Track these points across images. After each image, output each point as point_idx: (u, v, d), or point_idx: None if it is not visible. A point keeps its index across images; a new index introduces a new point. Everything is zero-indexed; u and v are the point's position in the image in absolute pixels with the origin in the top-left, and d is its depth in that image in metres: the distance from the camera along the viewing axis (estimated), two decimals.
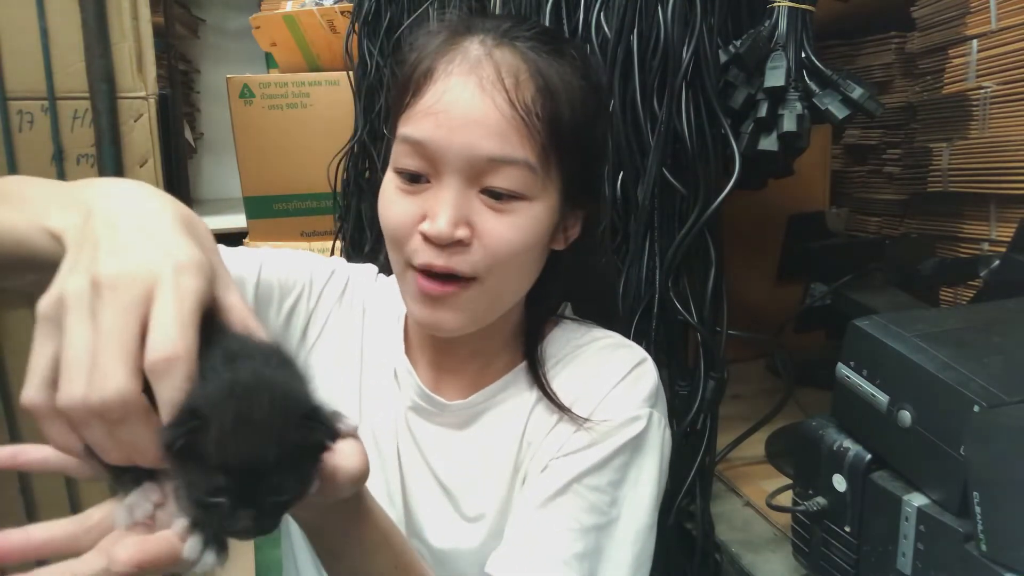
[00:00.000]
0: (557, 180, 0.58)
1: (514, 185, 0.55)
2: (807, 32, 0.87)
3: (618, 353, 0.66)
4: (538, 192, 0.57)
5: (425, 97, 0.56)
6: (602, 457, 0.59)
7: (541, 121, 0.55)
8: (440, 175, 0.56)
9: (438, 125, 0.54)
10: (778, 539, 0.88)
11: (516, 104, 0.54)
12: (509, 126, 0.54)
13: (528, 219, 0.57)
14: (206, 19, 2.67)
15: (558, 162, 0.57)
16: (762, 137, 0.89)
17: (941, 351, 0.65)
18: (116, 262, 0.35)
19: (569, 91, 0.58)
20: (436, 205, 0.55)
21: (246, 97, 1.67)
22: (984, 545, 0.57)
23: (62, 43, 1.11)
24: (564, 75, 0.58)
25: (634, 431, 0.60)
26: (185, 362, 0.33)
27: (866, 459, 0.71)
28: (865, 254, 1.27)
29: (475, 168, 0.55)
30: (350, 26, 1.58)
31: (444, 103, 0.54)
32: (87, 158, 1.16)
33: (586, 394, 0.62)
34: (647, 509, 0.60)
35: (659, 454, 0.62)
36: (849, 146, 1.53)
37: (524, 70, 0.56)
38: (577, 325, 0.69)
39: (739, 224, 1.13)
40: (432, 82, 0.56)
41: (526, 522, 0.58)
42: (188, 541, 0.34)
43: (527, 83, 0.55)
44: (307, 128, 1.75)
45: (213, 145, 2.84)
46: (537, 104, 0.55)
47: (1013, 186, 1.09)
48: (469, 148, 0.54)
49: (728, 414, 1.02)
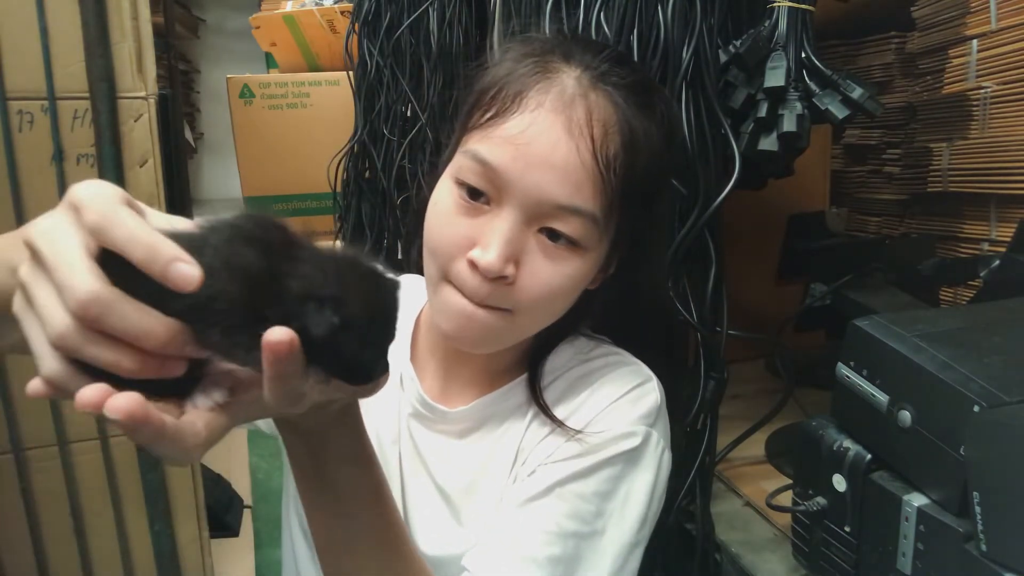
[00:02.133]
0: (612, 232, 0.58)
1: (575, 234, 0.54)
2: (807, 32, 0.87)
3: (621, 371, 0.64)
4: (594, 244, 0.56)
5: (509, 122, 0.54)
6: (589, 465, 0.58)
7: (617, 177, 0.54)
8: (502, 203, 0.54)
9: (516, 157, 0.53)
10: (778, 539, 0.88)
11: (598, 157, 0.53)
12: (586, 177, 0.53)
13: (577, 270, 0.56)
14: (206, 19, 2.67)
15: (619, 217, 0.57)
16: (762, 137, 0.88)
17: (941, 351, 0.65)
18: (40, 226, 0.35)
19: (651, 150, 0.57)
20: (491, 235, 0.54)
21: (246, 97, 1.67)
22: (984, 545, 0.57)
23: (62, 43, 1.11)
24: (650, 133, 0.57)
25: (628, 445, 0.59)
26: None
27: (866, 459, 0.71)
28: (865, 254, 1.27)
29: (540, 210, 0.54)
30: (350, 26, 1.58)
31: (527, 136, 0.53)
32: (87, 158, 1.15)
33: (582, 408, 0.62)
34: (634, 527, 0.58)
35: (654, 474, 0.60)
36: (849, 146, 1.53)
37: (614, 121, 0.55)
38: (587, 340, 0.68)
39: (739, 224, 1.13)
40: (520, 109, 0.54)
41: (506, 520, 0.58)
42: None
43: (614, 136, 0.54)
44: (307, 128, 1.75)
45: (213, 145, 2.84)
46: (618, 160, 0.54)
47: (1013, 186, 1.09)
48: (540, 190, 0.53)
49: (728, 414, 1.02)
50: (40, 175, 1.13)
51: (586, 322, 0.69)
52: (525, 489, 0.58)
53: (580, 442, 0.59)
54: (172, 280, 0.33)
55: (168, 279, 0.33)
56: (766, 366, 1.34)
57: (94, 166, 1.14)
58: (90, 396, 0.31)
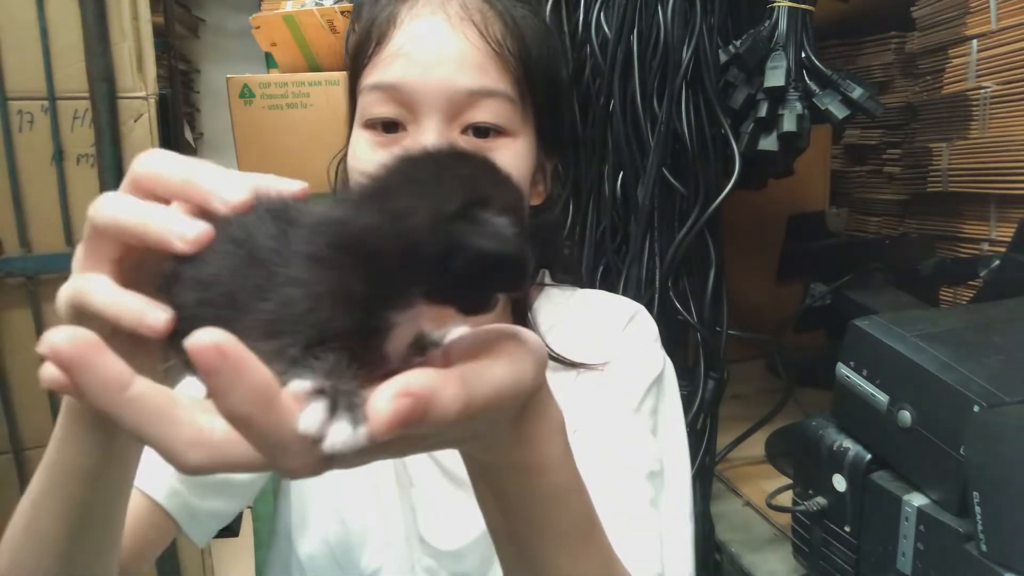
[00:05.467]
0: (532, 118, 0.57)
1: (498, 118, 0.53)
2: (807, 32, 0.87)
3: (614, 303, 0.65)
4: (519, 127, 0.55)
5: (392, 41, 0.53)
6: (635, 404, 0.58)
7: (513, 56, 0.54)
8: (418, 118, 0.53)
9: (411, 64, 0.52)
10: (778, 539, 0.88)
11: (488, 38, 0.53)
12: (485, 58, 0.53)
13: (513, 155, 0.55)
14: (206, 19, 2.67)
15: (532, 99, 0.56)
16: (762, 137, 0.89)
17: (941, 351, 0.65)
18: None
19: (533, 31, 0.57)
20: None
21: (246, 97, 1.67)
22: (984, 545, 0.57)
23: (62, 43, 1.11)
24: (525, 16, 0.57)
25: (653, 373, 0.60)
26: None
27: (866, 459, 0.71)
28: (865, 254, 1.27)
29: (456, 105, 0.52)
30: (350, 26, 1.58)
31: (414, 43, 0.52)
32: (87, 158, 1.15)
33: (594, 343, 0.61)
34: (684, 454, 0.60)
35: (679, 400, 0.62)
36: (849, 146, 1.53)
37: (488, 8, 0.55)
38: (560, 290, 0.68)
39: (739, 224, 1.13)
40: (397, 26, 0.53)
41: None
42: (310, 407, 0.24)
43: (494, 20, 0.54)
44: (307, 128, 1.75)
45: (213, 145, 2.84)
46: (507, 40, 0.54)
47: (1013, 186, 1.09)
48: (447, 83, 0.52)
49: (728, 414, 1.02)
50: (40, 175, 1.13)
51: (545, 272, 0.68)
52: (580, 454, 0.56)
53: (608, 382, 0.59)
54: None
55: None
56: (766, 366, 1.34)
57: (94, 166, 1.14)
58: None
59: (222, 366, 0.21)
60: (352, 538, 0.59)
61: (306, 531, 0.63)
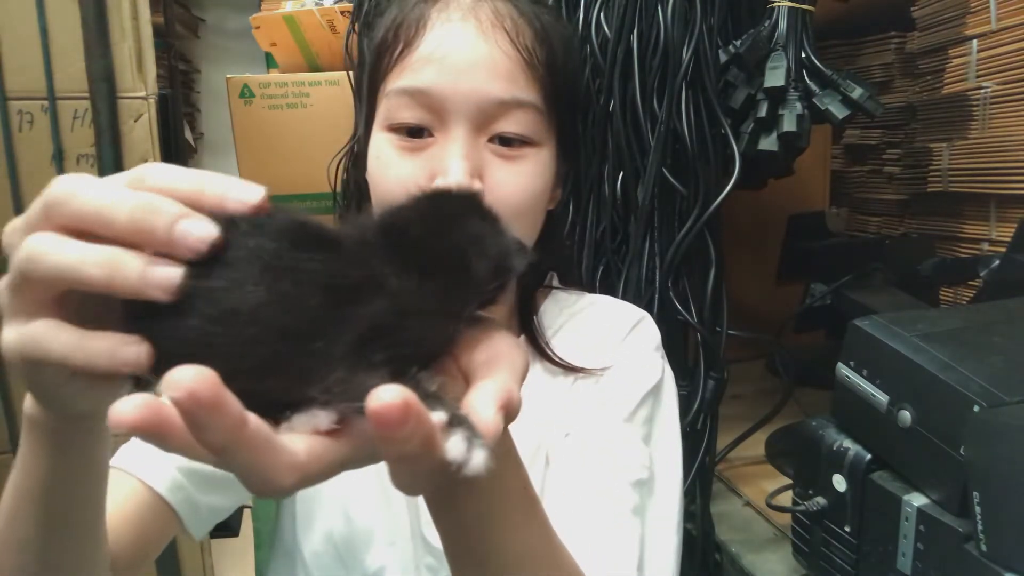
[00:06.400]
0: (556, 127, 0.57)
1: (525, 129, 0.53)
2: (807, 32, 0.87)
3: (619, 309, 0.65)
4: (544, 136, 0.55)
5: (421, 46, 0.52)
6: (626, 412, 0.58)
7: (541, 64, 0.54)
8: (446, 126, 0.52)
9: (442, 71, 0.51)
10: (778, 539, 0.88)
11: (519, 47, 0.53)
12: (515, 67, 0.52)
13: (538, 165, 0.55)
14: (206, 19, 2.67)
15: (556, 107, 0.56)
16: (762, 137, 0.89)
17: (941, 351, 0.65)
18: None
19: (560, 37, 0.57)
20: (448, 158, 0.51)
21: (246, 97, 1.67)
22: (984, 545, 0.57)
23: (62, 43, 1.11)
24: (551, 21, 0.57)
25: (652, 380, 0.60)
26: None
27: (866, 459, 0.71)
28: (865, 254, 1.27)
29: (484, 114, 0.52)
30: (350, 26, 1.58)
31: (445, 48, 0.52)
32: (87, 158, 1.15)
33: (595, 348, 0.61)
34: (678, 467, 0.59)
35: (677, 410, 0.62)
36: (849, 146, 1.53)
37: (518, 15, 0.54)
38: (567, 293, 0.68)
39: (739, 224, 1.13)
40: (427, 30, 0.53)
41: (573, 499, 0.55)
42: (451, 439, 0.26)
43: (524, 28, 0.54)
44: (307, 128, 1.75)
45: (213, 145, 2.84)
46: (537, 48, 0.54)
47: (1013, 186, 1.09)
48: (478, 92, 0.51)
49: (728, 414, 1.02)
50: (40, 175, 1.13)
51: (553, 275, 0.69)
52: (569, 457, 0.56)
53: (605, 388, 0.59)
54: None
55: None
56: (766, 366, 1.34)
57: (94, 166, 1.14)
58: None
59: (206, 412, 0.22)
60: (357, 536, 0.59)
61: (311, 529, 0.63)
